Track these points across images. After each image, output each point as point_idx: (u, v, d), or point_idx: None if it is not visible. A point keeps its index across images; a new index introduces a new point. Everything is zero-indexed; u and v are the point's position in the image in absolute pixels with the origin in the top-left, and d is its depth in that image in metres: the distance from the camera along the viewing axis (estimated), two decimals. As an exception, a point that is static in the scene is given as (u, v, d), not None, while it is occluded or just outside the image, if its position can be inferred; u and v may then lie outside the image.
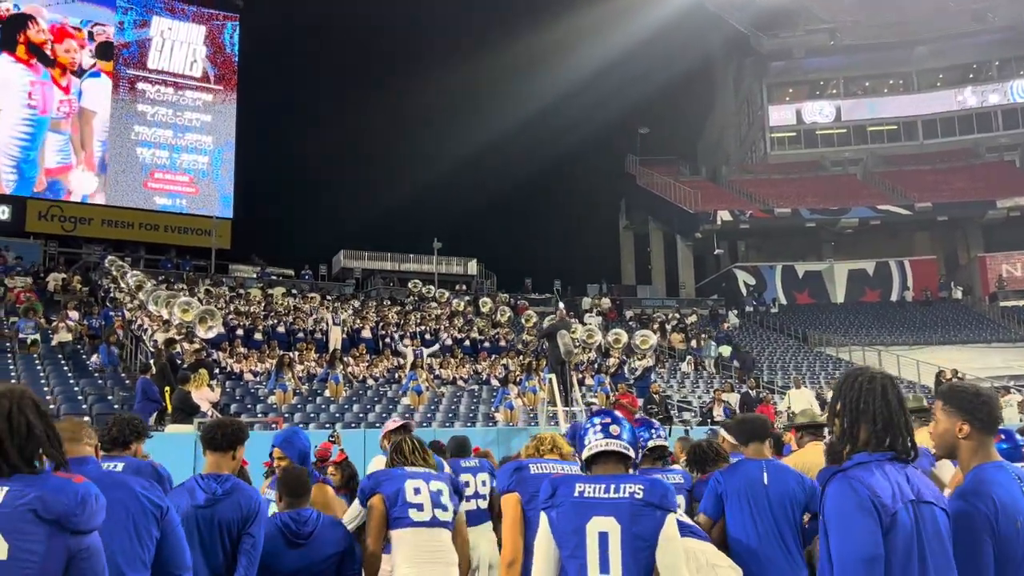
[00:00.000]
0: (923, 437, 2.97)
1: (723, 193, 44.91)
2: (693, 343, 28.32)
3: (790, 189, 43.87)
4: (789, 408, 17.78)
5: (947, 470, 3.58)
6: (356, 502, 4.34)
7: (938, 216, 40.67)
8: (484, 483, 5.42)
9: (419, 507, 4.00)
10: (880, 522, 2.21)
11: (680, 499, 4.16)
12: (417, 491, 4.03)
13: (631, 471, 3.02)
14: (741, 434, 4.25)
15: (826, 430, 4.76)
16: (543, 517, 2.92)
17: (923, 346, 31.23)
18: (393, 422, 5.14)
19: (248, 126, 39.29)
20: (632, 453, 3.04)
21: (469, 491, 5.20)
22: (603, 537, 2.80)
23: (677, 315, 33.50)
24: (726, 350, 27.84)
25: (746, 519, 3.79)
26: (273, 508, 4.13)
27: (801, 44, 47.89)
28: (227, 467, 3.80)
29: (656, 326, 28.61)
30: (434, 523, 4.00)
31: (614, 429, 3.01)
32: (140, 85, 35.77)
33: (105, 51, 34.91)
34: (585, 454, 3.02)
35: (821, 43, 47.75)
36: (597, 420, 3.06)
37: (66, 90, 33.77)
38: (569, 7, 49.83)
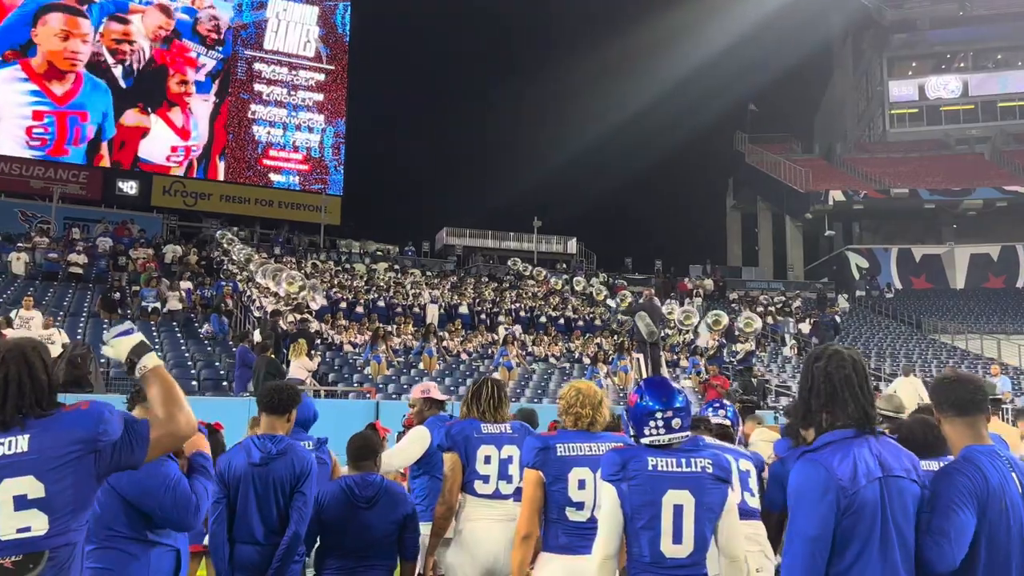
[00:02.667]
0: (996, 426, 3.00)
1: (836, 172, 43.21)
2: (769, 320, 27.60)
3: (909, 168, 41.78)
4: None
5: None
6: (415, 443, 4.55)
7: (1073, 198, 37.96)
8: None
9: (485, 479, 4.11)
10: (837, 504, 2.30)
11: (750, 464, 4.22)
12: (487, 459, 4.12)
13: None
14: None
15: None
16: (610, 489, 2.94)
17: (1050, 336, 29.36)
18: (422, 390, 5.08)
19: (358, 105, 40.43)
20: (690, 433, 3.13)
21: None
22: (678, 509, 2.89)
23: (783, 298, 32.61)
24: (805, 327, 27.09)
25: None
26: None
27: (926, 15, 45.36)
28: (281, 428, 4.05)
29: (760, 309, 28.00)
30: (496, 496, 4.12)
31: (676, 423, 3.02)
32: (256, 65, 37.22)
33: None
34: (645, 442, 3.03)
35: (949, 13, 45.06)
36: (659, 413, 3.03)
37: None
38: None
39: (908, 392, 16.66)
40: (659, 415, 3.02)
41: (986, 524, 2.36)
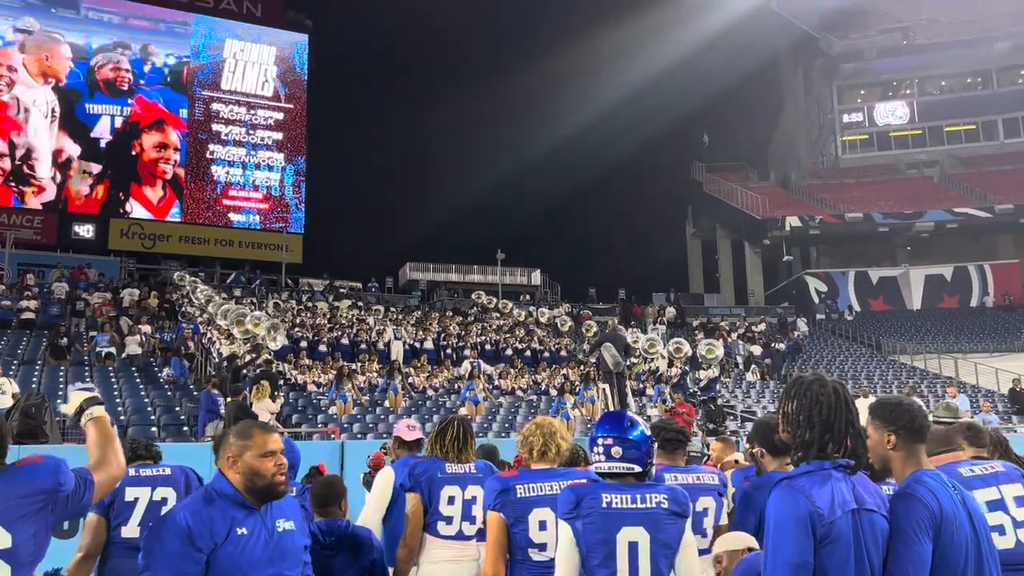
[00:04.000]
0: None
1: (792, 198, 44.05)
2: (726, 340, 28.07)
3: (862, 193, 42.74)
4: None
5: None
6: (382, 488, 4.45)
7: (1020, 218, 39.01)
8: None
9: (448, 520, 4.07)
10: (814, 532, 2.30)
11: (711, 500, 4.00)
12: (451, 500, 4.08)
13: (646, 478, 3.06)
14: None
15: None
16: (565, 527, 2.92)
17: (1004, 353, 29.99)
18: (408, 428, 4.86)
19: (318, 142, 40.44)
20: (639, 469, 3.04)
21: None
22: (633, 547, 2.86)
23: (744, 323, 32.95)
24: (756, 349, 27.48)
25: None
26: None
27: (873, 45, 46.73)
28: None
29: (717, 334, 28.33)
30: (458, 536, 4.08)
31: (616, 451, 2.99)
32: (214, 106, 37.10)
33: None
34: (593, 470, 3.06)
35: (894, 43, 46.50)
36: (600, 440, 3.02)
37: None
38: (631, 11, 49.74)
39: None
40: (600, 441, 3.01)
41: (939, 548, 2.38)
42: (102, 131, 34.39)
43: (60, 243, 32.26)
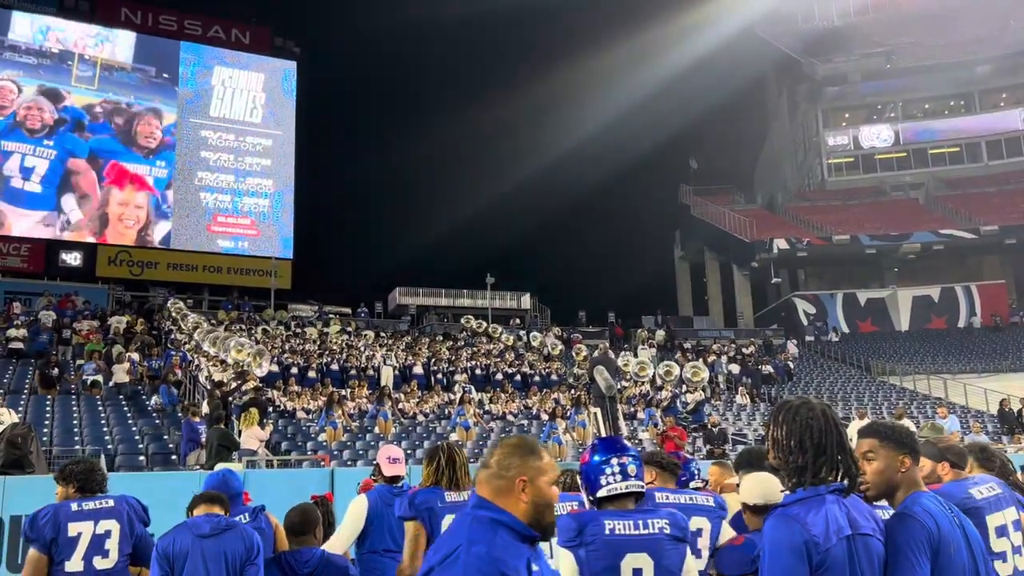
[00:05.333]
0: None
1: (779, 221, 44.33)
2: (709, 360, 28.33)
3: (849, 215, 43.05)
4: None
5: None
6: (355, 515, 4.48)
7: (1006, 239, 39.37)
8: None
9: None
10: (810, 560, 2.28)
11: (704, 521, 3.89)
12: None
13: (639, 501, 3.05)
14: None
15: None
16: (567, 555, 2.86)
17: (992, 374, 30.12)
18: (389, 461, 4.89)
19: (306, 168, 40.38)
20: (643, 487, 3.07)
21: None
22: (637, 573, 2.83)
23: (734, 346, 33.00)
24: (735, 368, 27.76)
25: None
26: None
27: (856, 68, 47.32)
28: (220, 509, 4.01)
29: (708, 357, 28.44)
30: None
31: (631, 470, 2.99)
32: (203, 133, 37.12)
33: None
34: (602, 494, 2.97)
35: (877, 66, 47.10)
36: (615, 460, 2.99)
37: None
38: (617, 37, 50.41)
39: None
40: (615, 461, 2.98)
41: (937, 571, 2.37)
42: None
43: (47, 271, 32.07)
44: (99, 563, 4.06)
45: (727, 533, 3.77)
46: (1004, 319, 38.19)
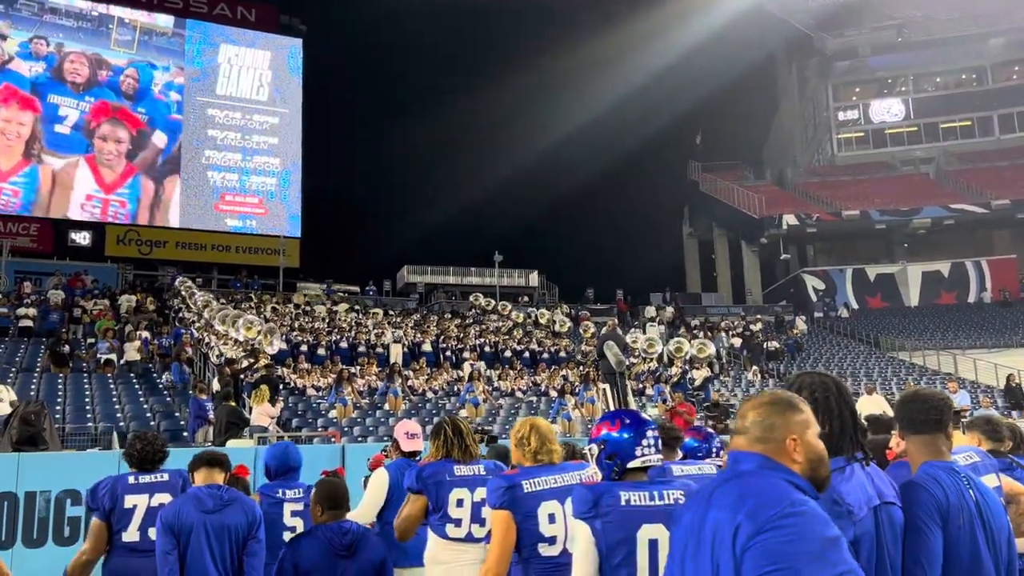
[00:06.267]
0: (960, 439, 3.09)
1: (788, 197, 44.09)
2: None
3: (859, 191, 42.79)
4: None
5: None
6: (377, 489, 4.54)
7: (1017, 213, 39.12)
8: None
9: (457, 523, 4.07)
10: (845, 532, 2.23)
11: None
12: (460, 503, 4.08)
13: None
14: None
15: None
16: (583, 527, 2.85)
17: (1003, 349, 30.02)
18: (407, 436, 4.91)
19: (313, 146, 40.36)
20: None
21: None
22: (653, 544, 2.82)
23: (743, 322, 32.94)
24: (736, 341, 28.09)
25: None
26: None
27: (867, 42, 46.81)
28: (220, 479, 4.12)
29: (711, 333, 28.56)
30: (468, 539, 4.07)
31: (659, 442, 3.04)
32: (210, 111, 37.04)
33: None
34: (636, 464, 2.97)
35: (888, 40, 46.57)
36: (649, 432, 3.01)
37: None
38: (626, 14, 49.86)
39: (873, 410, 16.94)
40: (650, 433, 3.00)
41: (947, 541, 2.36)
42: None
43: (56, 251, 32.18)
44: (154, 534, 4.20)
45: None
46: (1014, 294, 38.01)
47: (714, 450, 4.29)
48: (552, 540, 3.35)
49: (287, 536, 4.45)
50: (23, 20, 34.16)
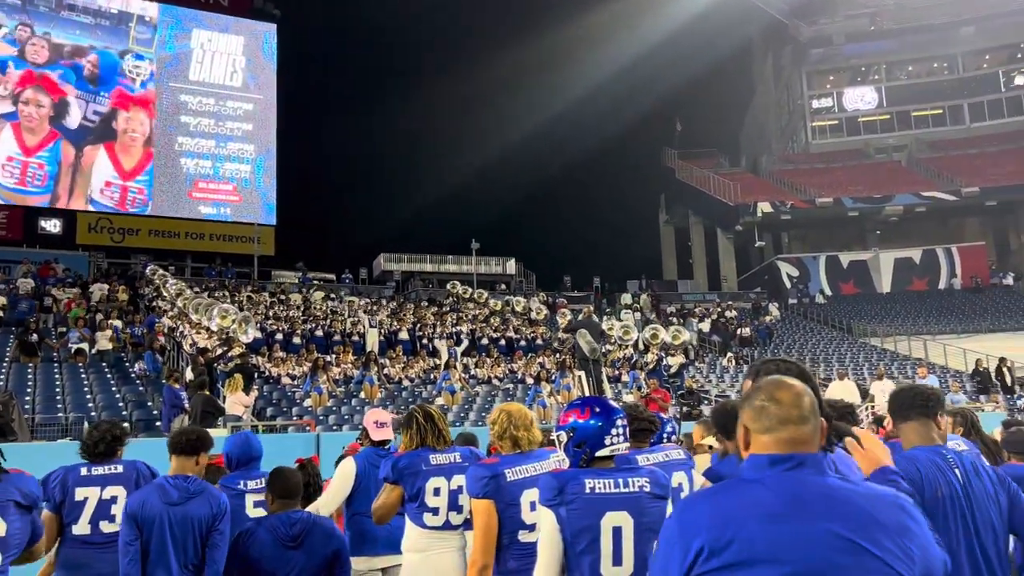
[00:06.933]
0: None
1: (763, 184, 44.40)
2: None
3: (832, 178, 43.18)
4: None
5: None
6: (343, 478, 4.52)
7: (986, 201, 39.68)
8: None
9: (435, 511, 4.07)
10: None
11: (683, 475, 4.07)
12: (437, 491, 4.08)
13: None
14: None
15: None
16: (548, 514, 2.88)
17: (972, 334, 30.50)
18: (376, 425, 4.88)
19: (288, 133, 39.96)
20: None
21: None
22: (617, 531, 2.84)
23: (718, 309, 33.19)
24: (705, 325, 28.36)
25: None
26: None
27: (841, 30, 47.13)
28: (191, 471, 4.02)
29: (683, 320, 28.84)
30: (446, 527, 4.08)
31: (627, 430, 3.07)
32: (182, 97, 36.58)
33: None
34: (604, 453, 2.99)
35: (861, 28, 46.93)
36: (619, 421, 3.02)
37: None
38: (603, 0, 49.67)
39: (844, 395, 17.16)
40: (619, 422, 3.02)
41: (924, 510, 2.46)
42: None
43: (26, 238, 31.70)
44: (105, 527, 4.15)
45: (700, 483, 3.83)
46: (984, 280, 38.59)
47: (665, 435, 4.31)
48: (532, 527, 3.36)
49: None
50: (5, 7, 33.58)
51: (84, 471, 4.25)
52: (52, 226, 32.57)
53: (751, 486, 1.76)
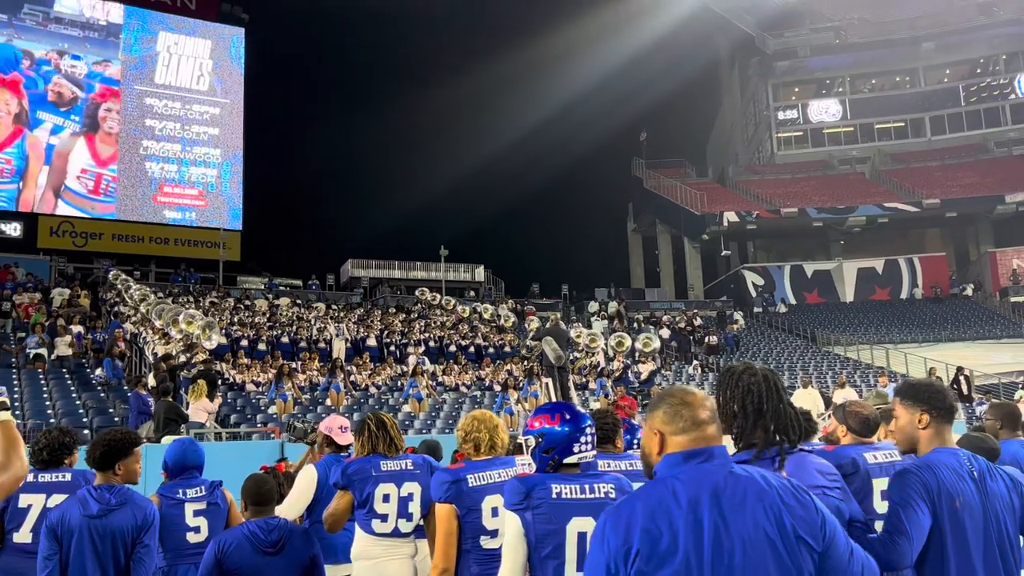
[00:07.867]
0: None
1: (729, 194, 44.87)
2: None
3: (797, 189, 43.78)
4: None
5: None
6: (305, 486, 4.46)
7: (947, 212, 40.47)
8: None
9: (383, 518, 4.06)
10: None
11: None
12: (386, 498, 4.07)
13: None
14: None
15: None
16: (514, 518, 2.89)
17: (933, 343, 31.06)
18: (341, 430, 4.85)
19: (256, 138, 39.64)
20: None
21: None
22: (582, 537, 2.83)
23: (685, 317, 33.45)
24: (665, 332, 28.77)
25: None
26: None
27: (806, 43, 47.88)
28: (115, 481, 3.85)
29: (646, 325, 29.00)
30: (395, 534, 4.07)
31: (595, 438, 3.07)
32: (148, 100, 36.13)
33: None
34: (572, 460, 2.99)
35: (826, 42, 47.72)
36: (588, 429, 3.02)
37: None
38: (574, 14, 50.03)
39: (807, 404, 17.34)
40: (588, 430, 3.02)
41: (944, 520, 2.48)
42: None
43: (-16, 242, 31.12)
44: None
45: None
46: (944, 290, 39.31)
47: (636, 442, 4.32)
48: (494, 533, 3.37)
49: (191, 537, 4.30)
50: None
51: (30, 477, 4.03)
52: (12, 229, 31.99)
53: (668, 482, 1.97)
